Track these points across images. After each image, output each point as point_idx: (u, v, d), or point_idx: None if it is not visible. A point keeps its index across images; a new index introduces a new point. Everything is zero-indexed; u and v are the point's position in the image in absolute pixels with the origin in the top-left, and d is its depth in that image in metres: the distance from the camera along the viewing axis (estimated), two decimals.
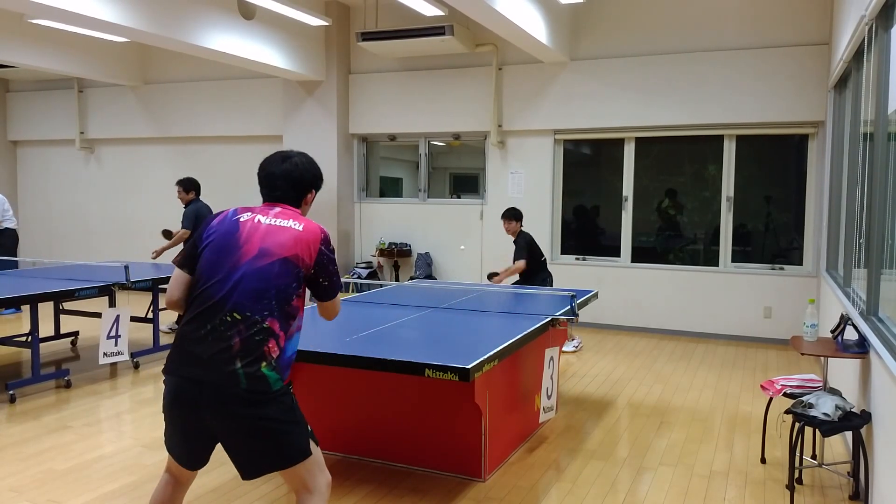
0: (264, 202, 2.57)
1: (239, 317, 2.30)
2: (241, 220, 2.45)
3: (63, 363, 6.19)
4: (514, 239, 6.52)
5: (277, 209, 2.50)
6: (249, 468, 2.39)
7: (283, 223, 2.45)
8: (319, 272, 2.46)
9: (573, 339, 6.86)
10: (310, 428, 2.44)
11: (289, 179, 2.53)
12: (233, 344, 2.28)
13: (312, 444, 2.42)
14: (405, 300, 5.05)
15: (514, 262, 6.40)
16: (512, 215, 6.49)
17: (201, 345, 2.30)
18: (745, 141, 7.60)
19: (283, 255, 2.38)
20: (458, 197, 8.97)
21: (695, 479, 3.90)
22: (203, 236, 2.46)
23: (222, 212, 2.53)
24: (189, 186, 7.61)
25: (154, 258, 7.51)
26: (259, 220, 2.45)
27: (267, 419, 2.29)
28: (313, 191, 2.61)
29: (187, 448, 2.46)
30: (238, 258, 2.37)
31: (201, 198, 7.77)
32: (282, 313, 2.36)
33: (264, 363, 2.30)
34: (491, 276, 6.48)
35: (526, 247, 6.37)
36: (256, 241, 2.39)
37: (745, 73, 7.31)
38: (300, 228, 2.44)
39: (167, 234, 7.52)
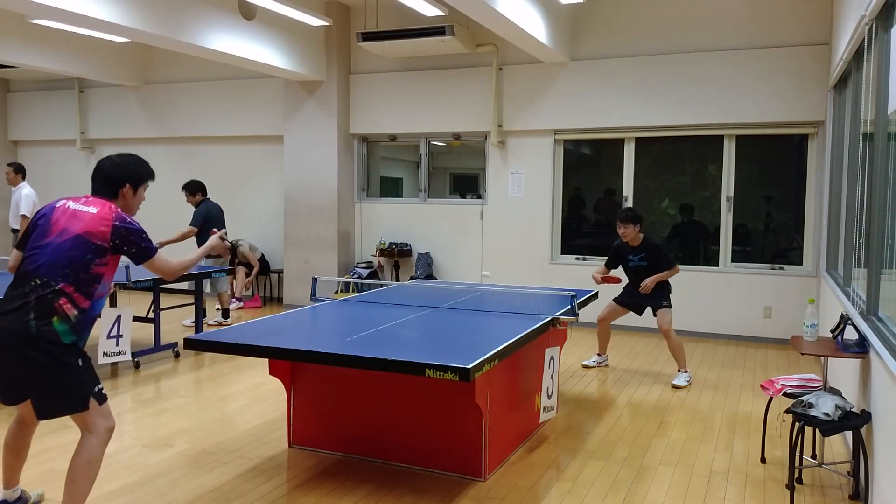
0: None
1: (39, 282, 2.91)
2: (57, 206, 3.08)
3: None
4: (638, 244, 5.95)
5: (87, 198, 3.10)
6: (38, 409, 2.96)
7: (84, 209, 3.04)
8: (121, 243, 3.02)
9: (685, 373, 5.90)
10: (98, 388, 3.00)
11: (102, 176, 3.13)
12: (30, 301, 2.89)
13: (94, 402, 2.97)
14: (405, 300, 5.06)
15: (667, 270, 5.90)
16: (634, 218, 5.91)
17: (12, 303, 2.92)
18: (745, 141, 7.60)
19: (76, 232, 2.97)
20: (465, 197, 8.95)
21: (695, 479, 3.90)
22: (32, 221, 3.10)
23: (54, 201, 3.14)
24: (194, 189, 7.62)
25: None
26: (68, 206, 3.06)
27: (50, 367, 2.87)
28: (128, 185, 3.15)
29: (2, 385, 3.02)
30: (48, 236, 2.99)
31: (209, 197, 7.82)
32: (77, 279, 2.93)
33: (56, 318, 2.88)
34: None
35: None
36: (62, 223, 3.00)
37: (745, 73, 7.31)
38: (95, 212, 3.02)
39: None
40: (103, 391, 3.03)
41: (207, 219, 7.51)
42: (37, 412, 2.99)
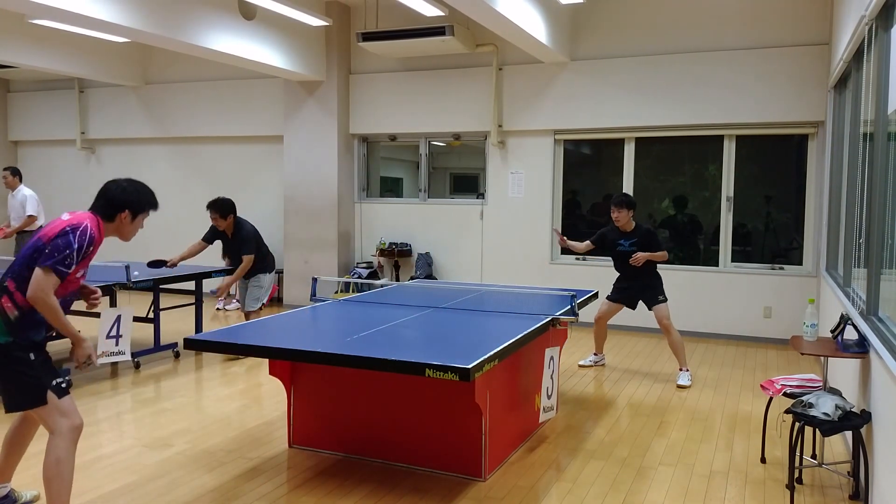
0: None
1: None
2: (56, 217, 3.13)
3: (63, 363, 6.19)
4: (630, 229, 5.91)
5: (80, 212, 3.12)
6: (4, 403, 3.01)
7: (63, 216, 3.08)
8: (48, 243, 2.97)
9: (686, 371, 5.89)
10: (56, 381, 3.01)
11: (105, 196, 3.16)
12: None
13: (52, 395, 2.98)
14: (405, 300, 5.06)
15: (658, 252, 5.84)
16: (628, 203, 5.90)
17: None
18: (745, 141, 7.60)
19: (38, 234, 3.03)
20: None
21: (695, 479, 3.90)
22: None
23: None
24: (226, 210, 6.45)
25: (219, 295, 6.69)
26: (58, 217, 3.11)
27: (3, 364, 2.95)
28: (127, 211, 3.16)
29: None
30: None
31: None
32: (20, 277, 2.97)
33: None
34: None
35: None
36: (41, 230, 3.06)
37: (745, 73, 7.31)
38: (66, 219, 3.05)
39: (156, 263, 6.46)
40: (63, 385, 3.04)
41: (259, 240, 6.64)
42: (4, 405, 3.03)
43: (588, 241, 6.15)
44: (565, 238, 6.06)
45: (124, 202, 3.15)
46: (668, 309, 5.91)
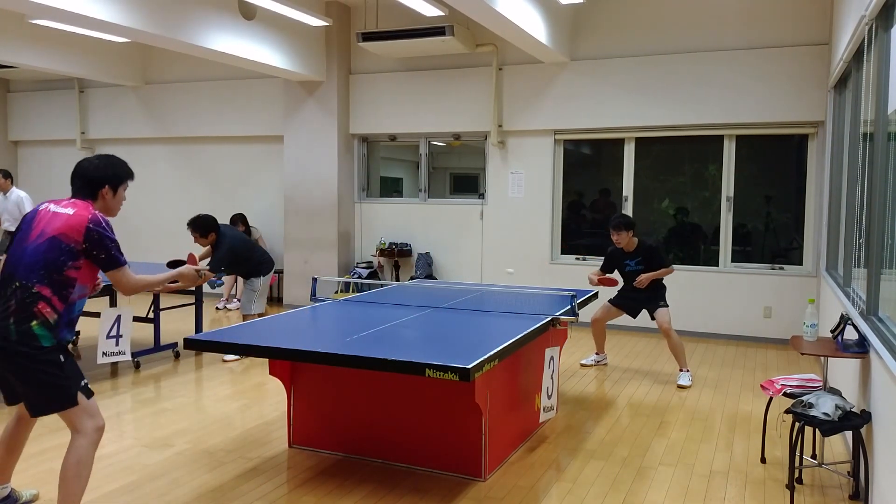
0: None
1: (18, 284, 2.92)
2: (40, 209, 3.08)
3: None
4: (632, 249, 5.96)
5: (68, 200, 3.08)
6: (30, 407, 3.02)
7: (62, 210, 3.02)
8: (91, 247, 2.97)
9: (686, 371, 5.90)
10: (83, 382, 3.01)
11: (81, 177, 3.12)
12: (9, 305, 2.91)
13: (82, 397, 2.98)
14: (405, 300, 5.05)
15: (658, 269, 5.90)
16: (627, 225, 5.91)
17: None
18: (745, 141, 7.60)
19: (51, 234, 2.96)
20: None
21: (695, 479, 3.90)
22: (18, 225, 3.13)
23: (39, 204, 3.14)
24: (205, 229, 6.21)
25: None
26: (49, 209, 3.06)
27: (34, 370, 2.90)
28: (107, 186, 3.12)
29: (2, 386, 3.10)
30: (28, 239, 3.00)
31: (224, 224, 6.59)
32: (52, 281, 2.93)
33: (35, 322, 2.89)
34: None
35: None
36: (41, 226, 3.01)
37: (745, 73, 7.31)
38: (71, 213, 3.00)
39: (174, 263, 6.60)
40: (88, 385, 3.05)
41: (237, 254, 6.30)
42: (29, 410, 3.03)
43: (600, 270, 6.14)
44: (603, 276, 6.00)
45: (102, 178, 3.12)
46: (670, 314, 5.91)
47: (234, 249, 6.26)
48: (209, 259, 6.34)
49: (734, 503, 3.61)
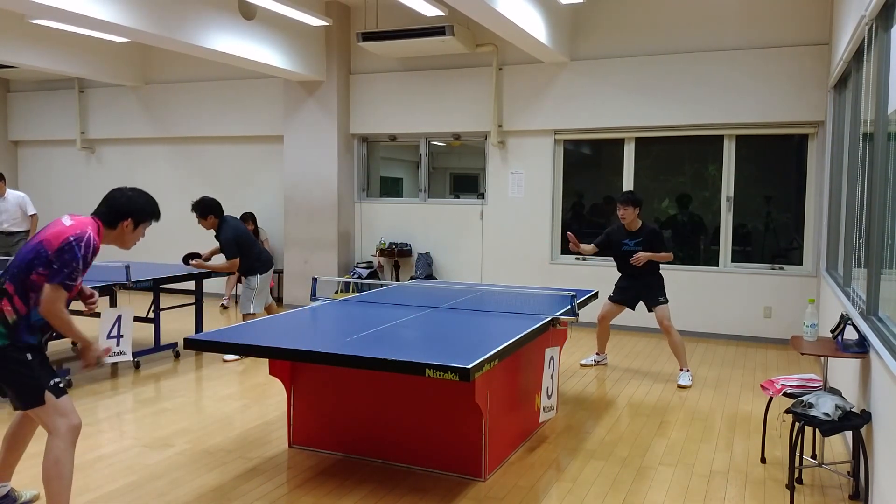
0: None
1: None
2: (57, 218, 3.11)
3: (63, 363, 6.20)
4: (635, 229, 5.90)
5: (85, 217, 3.11)
6: (11, 402, 3.07)
7: (65, 220, 3.06)
8: (57, 255, 2.96)
9: (686, 371, 5.88)
10: (54, 381, 3.01)
11: (108, 204, 3.17)
12: None
13: (50, 396, 2.98)
14: (405, 300, 5.06)
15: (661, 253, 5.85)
16: (635, 201, 5.86)
17: None
18: (745, 141, 7.60)
19: (38, 238, 3.01)
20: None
21: (695, 479, 3.90)
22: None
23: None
24: (204, 210, 6.27)
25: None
26: (60, 219, 3.09)
27: (2, 366, 2.95)
28: (130, 220, 3.17)
29: None
30: (30, 243, 3.05)
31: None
32: (19, 281, 2.97)
33: None
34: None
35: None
36: (43, 232, 3.05)
37: (745, 73, 7.31)
38: (67, 224, 3.03)
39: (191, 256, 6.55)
40: (61, 385, 3.04)
41: (240, 243, 6.38)
42: (12, 404, 3.09)
43: (593, 244, 6.11)
44: (577, 241, 5.95)
45: (128, 211, 3.16)
46: (669, 310, 5.91)
47: (237, 236, 6.35)
48: (217, 256, 6.48)
49: (734, 503, 3.61)
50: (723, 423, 4.86)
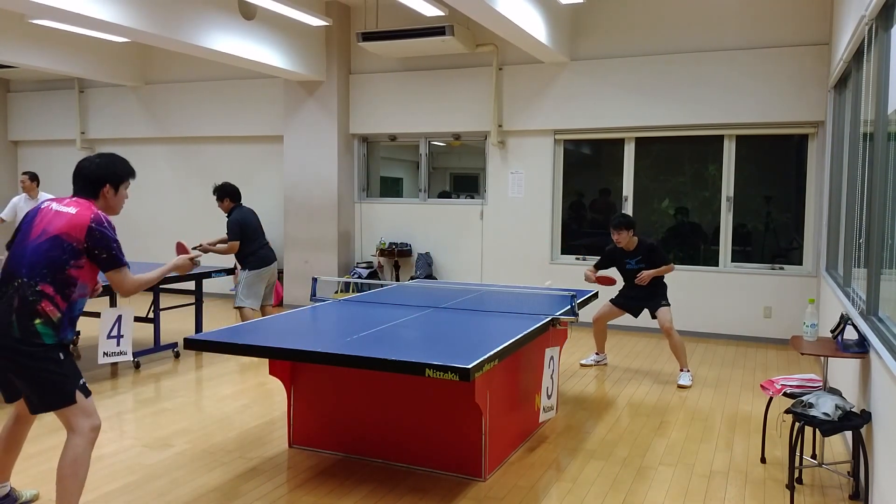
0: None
1: (20, 282, 2.94)
2: (41, 207, 3.10)
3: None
4: (633, 248, 5.98)
5: (70, 199, 3.10)
6: (30, 404, 3.03)
7: (64, 209, 3.04)
8: (93, 246, 2.99)
9: (687, 371, 5.90)
10: (81, 381, 3.02)
11: (82, 177, 3.13)
12: (13, 303, 2.92)
13: (80, 395, 2.99)
14: (405, 300, 5.06)
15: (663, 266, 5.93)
16: (627, 224, 5.94)
17: None
18: (744, 141, 7.60)
19: (54, 233, 2.98)
20: (458, 196, 8.93)
21: (695, 479, 3.90)
22: (19, 223, 3.12)
23: (41, 202, 3.15)
24: (222, 194, 6.63)
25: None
26: (51, 207, 3.07)
27: (34, 367, 2.92)
28: (108, 185, 3.14)
29: (1, 383, 3.11)
30: (29, 237, 3.02)
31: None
32: (54, 280, 2.95)
33: (38, 320, 2.91)
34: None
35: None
36: (43, 224, 3.02)
37: (745, 73, 7.31)
38: (74, 212, 3.01)
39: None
40: (86, 384, 3.06)
41: (244, 228, 6.57)
42: (29, 407, 3.05)
43: (594, 267, 6.13)
44: (596, 276, 6.00)
45: (103, 177, 3.13)
46: (671, 313, 5.92)
47: (243, 220, 6.53)
48: (222, 248, 6.59)
49: (734, 503, 3.61)
50: (723, 423, 4.86)
